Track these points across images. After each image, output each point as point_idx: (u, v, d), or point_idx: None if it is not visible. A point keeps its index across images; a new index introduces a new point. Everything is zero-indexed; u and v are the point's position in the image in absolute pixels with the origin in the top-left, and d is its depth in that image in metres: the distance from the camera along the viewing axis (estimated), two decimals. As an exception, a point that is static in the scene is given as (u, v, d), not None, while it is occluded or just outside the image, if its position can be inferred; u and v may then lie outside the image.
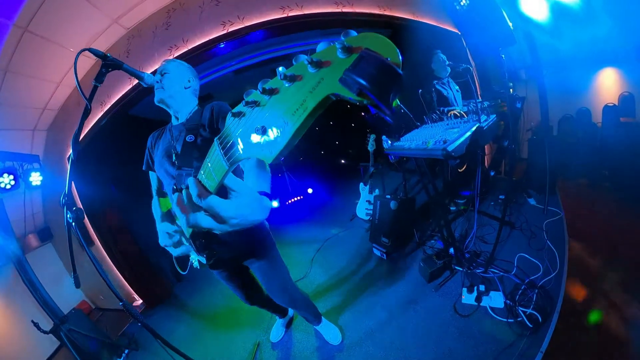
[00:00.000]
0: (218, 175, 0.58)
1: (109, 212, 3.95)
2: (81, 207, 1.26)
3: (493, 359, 1.81)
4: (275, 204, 5.84)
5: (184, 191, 0.65)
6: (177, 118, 1.58)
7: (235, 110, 0.53)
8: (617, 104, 3.85)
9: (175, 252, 1.36)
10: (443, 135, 1.98)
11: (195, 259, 1.43)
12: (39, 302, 3.05)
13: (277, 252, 1.78)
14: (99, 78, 1.31)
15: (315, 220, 5.20)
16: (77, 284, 1.34)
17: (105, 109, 3.35)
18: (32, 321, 2.53)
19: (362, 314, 2.54)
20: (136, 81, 3.02)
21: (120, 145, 3.78)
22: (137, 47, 3.18)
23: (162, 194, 1.71)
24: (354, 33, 0.39)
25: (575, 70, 4.21)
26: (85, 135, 3.47)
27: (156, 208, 1.63)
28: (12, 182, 3.17)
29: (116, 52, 3.21)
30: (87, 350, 2.78)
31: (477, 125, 1.99)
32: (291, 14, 3.13)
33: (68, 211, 1.30)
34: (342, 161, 8.14)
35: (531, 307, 2.03)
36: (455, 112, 2.71)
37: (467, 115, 2.41)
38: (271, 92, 0.45)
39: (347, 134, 7.95)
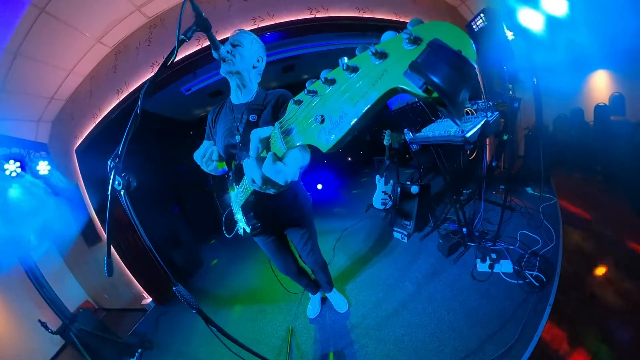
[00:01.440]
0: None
1: (118, 207, 3.75)
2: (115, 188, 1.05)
3: (511, 313, 2.15)
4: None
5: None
6: (239, 94, 1.57)
7: (297, 97, 0.53)
8: (607, 103, 4.06)
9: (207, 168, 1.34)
10: (460, 127, 2.39)
11: (241, 227, 1.54)
12: (47, 301, 2.88)
13: (313, 220, 2.01)
14: (188, 33, 1.22)
15: (329, 214, 5.39)
16: (110, 272, 1.05)
17: (122, 97, 3.28)
18: (40, 321, 2.42)
19: (393, 288, 2.80)
20: (156, 69, 3.16)
21: (133, 137, 3.77)
22: (160, 37, 3.11)
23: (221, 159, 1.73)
24: (421, 21, 0.37)
25: (568, 73, 4.38)
26: (96, 126, 3.40)
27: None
28: (19, 170, 2.97)
29: (136, 40, 3.13)
30: (98, 350, 2.67)
31: (485, 119, 2.39)
32: (318, 15, 3.31)
33: (117, 176, 1.05)
34: (349, 159, 8.41)
35: (535, 270, 2.42)
36: (466, 109, 3.12)
37: (476, 112, 2.82)
38: (332, 82, 0.45)
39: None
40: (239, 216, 1.51)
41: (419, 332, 2.26)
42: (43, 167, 3.25)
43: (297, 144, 0.55)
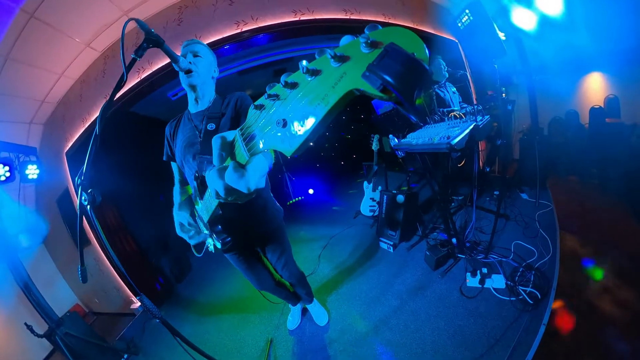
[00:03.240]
0: None
1: (107, 210, 3.83)
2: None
3: (501, 333, 1.98)
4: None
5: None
6: (196, 104, 1.56)
7: (257, 102, 0.52)
8: (602, 106, 4.09)
9: (191, 241, 1.48)
10: (446, 132, 2.20)
11: (211, 244, 1.48)
12: (33, 304, 2.90)
13: (286, 232, 1.91)
14: (139, 52, 1.25)
15: (318, 219, 5.29)
16: (84, 279, 1.16)
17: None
18: (25, 324, 2.42)
19: (375, 302, 2.66)
20: (144, 75, 3.12)
21: (121, 141, 3.72)
22: None
23: (184, 183, 1.74)
24: (379, 27, 0.38)
25: (563, 75, 4.43)
26: (86, 129, 3.42)
27: (176, 195, 1.68)
28: (7, 174, 3.01)
29: (124, 44, 3.11)
30: (84, 355, 2.65)
31: (474, 123, 2.21)
32: (303, 18, 3.25)
33: (83, 192, 1.16)
34: (342, 162, 8.30)
35: (530, 286, 2.23)
36: (454, 113, 2.96)
37: (465, 116, 2.64)
38: (293, 85, 0.46)
39: (347, 133, 8.12)
40: (207, 232, 1.43)
41: (399, 352, 2.12)
42: (32, 171, 3.29)
43: (260, 150, 0.53)
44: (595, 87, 4.27)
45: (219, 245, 1.38)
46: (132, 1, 2.84)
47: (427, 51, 0.35)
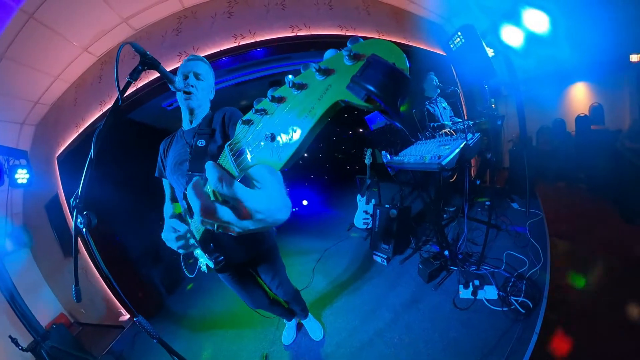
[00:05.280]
0: None
1: (99, 218, 3.63)
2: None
3: (494, 343, 1.99)
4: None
5: (200, 179, 0.59)
6: (191, 123, 1.56)
7: (245, 117, 0.52)
8: (588, 114, 4.23)
9: (180, 251, 1.34)
10: (437, 151, 2.26)
11: (203, 263, 1.44)
12: (18, 315, 2.78)
13: (279, 251, 1.91)
14: (134, 75, 1.26)
15: (312, 231, 5.24)
16: (79, 298, 1.19)
17: (104, 109, 3.23)
18: (10, 337, 2.36)
19: (370, 316, 2.65)
20: (140, 84, 3.11)
21: (115, 150, 3.56)
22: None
23: (175, 200, 1.71)
24: (360, 40, 0.40)
25: (549, 86, 4.61)
26: (79, 135, 3.35)
27: (168, 209, 1.65)
28: None
29: (122, 52, 3.06)
30: None
31: (464, 142, 2.26)
32: (300, 33, 3.29)
33: (79, 215, 1.17)
34: (336, 174, 8.27)
35: (522, 295, 2.25)
36: (446, 130, 3.04)
37: (455, 134, 2.71)
38: (280, 100, 0.46)
39: (341, 147, 8.12)
40: (198, 251, 1.40)
41: (394, 365, 2.10)
42: (22, 176, 3.23)
43: (250, 165, 0.53)
44: (580, 96, 4.43)
45: (211, 265, 1.35)
46: (132, 9, 2.86)
47: (407, 61, 0.37)
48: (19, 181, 3.21)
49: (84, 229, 1.17)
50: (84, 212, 1.18)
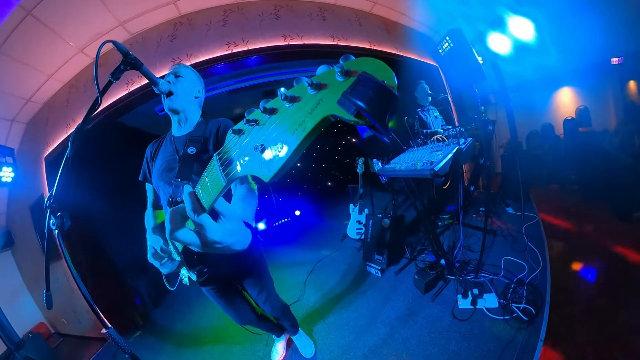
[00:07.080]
0: (215, 190, 0.57)
1: (81, 225, 3.48)
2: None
3: (498, 354, 1.88)
4: (261, 225, 5.73)
5: (180, 205, 0.64)
6: (180, 127, 1.55)
7: (236, 127, 0.53)
8: (575, 117, 4.35)
9: (162, 269, 1.35)
10: (429, 157, 2.18)
11: (185, 275, 1.39)
12: None
13: (266, 265, 1.83)
14: (116, 74, 1.24)
15: (304, 242, 5.15)
16: (49, 305, 1.14)
17: (96, 112, 3.22)
18: None
19: (364, 331, 2.52)
20: (133, 88, 3.08)
21: (103, 154, 3.59)
22: (139, 54, 3.03)
23: (157, 206, 1.68)
24: (352, 57, 0.41)
25: (537, 91, 4.78)
26: (68, 136, 3.27)
27: (149, 220, 1.61)
28: None
29: (116, 55, 3.09)
30: None
31: (457, 147, 2.20)
32: (292, 42, 3.33)
33: (52, 216, 1.11)
34: (329, 183, 8.24)
35: (523, 302, 2.15)
36: (437, 136, 2.99)
37: (447, 139, 2.65)
38: (271, 111, 0.47)
39: (333, 157, 8.14)
40: (180, 259, 1.32)
41: (391, 384, 1.97)
42: (7, 174, 3.20)
43: (238, 175, 0.53)
44: (567, 101, 4.60)
45: (194, 277, 1.29)
46: (129, 13, 2.88)
47: (395, 79, 0.38)
48: (4, 179, 3.16)
49: (57, 231, 1.11)
50: (58, 214, 1.12)
